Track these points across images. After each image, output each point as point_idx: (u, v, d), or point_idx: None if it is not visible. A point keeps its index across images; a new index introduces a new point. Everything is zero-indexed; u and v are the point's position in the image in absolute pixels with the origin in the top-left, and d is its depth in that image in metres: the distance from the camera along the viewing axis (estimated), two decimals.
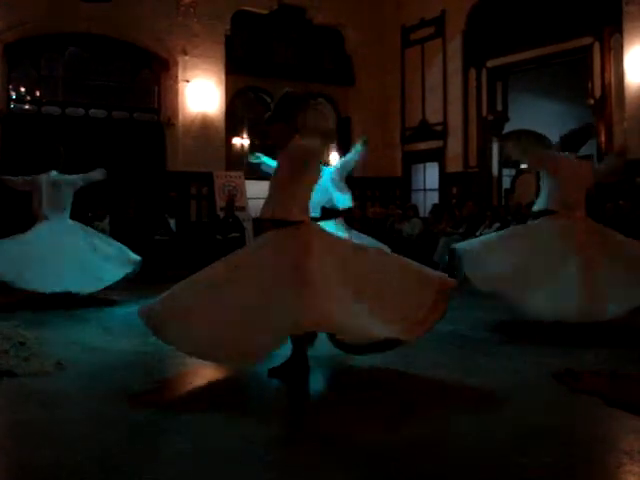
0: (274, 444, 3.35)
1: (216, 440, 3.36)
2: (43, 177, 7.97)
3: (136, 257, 8.09)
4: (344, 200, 7.41)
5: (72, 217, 8.13)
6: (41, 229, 7.84)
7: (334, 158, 12.63)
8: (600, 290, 5.71)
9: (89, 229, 8.34)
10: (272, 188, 4.62)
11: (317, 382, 4.49)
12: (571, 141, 6.37)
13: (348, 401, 4.09)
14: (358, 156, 7.48)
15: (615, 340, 5.77)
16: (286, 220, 4.47)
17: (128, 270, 7.93)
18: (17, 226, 8.12)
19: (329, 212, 7.16)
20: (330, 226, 7.15)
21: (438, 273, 4.81)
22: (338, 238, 4.99)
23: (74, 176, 8.15)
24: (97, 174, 8.23)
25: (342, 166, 7.49)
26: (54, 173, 8.03)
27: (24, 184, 8.06)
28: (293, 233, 4.44)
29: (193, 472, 2.96)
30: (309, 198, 4.62)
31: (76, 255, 7.74)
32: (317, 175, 4.74)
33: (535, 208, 6.52)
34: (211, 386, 4.56)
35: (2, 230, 8.22)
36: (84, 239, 7.99)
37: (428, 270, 4.75)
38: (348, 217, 8.12)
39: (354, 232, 7.91)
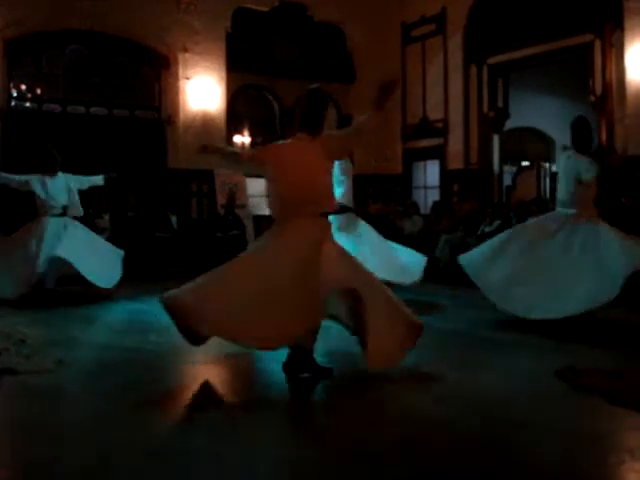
0: (275, 442, 3.35)
1: (217, 438, 3.36)
2: (46, 176, 8.02)
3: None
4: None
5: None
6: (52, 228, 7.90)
7: None
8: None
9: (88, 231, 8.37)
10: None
11: (317, 379, 4.48)
12: (578, 140, 6.41)
13: (349, 399, 4.09)
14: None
15: (616, 338, 5.77)
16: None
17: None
18: (17, 225, 8.16)
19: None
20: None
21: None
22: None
23: (80, 178, 8.25)
24: (98, 180, 8.37)
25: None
26: (60, 173, 8.10)
27: (25, 184, 8.06)
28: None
29: (193, 470, 2.96)
30: None
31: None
32: None
33: None
34: (212, 384, 4.56)
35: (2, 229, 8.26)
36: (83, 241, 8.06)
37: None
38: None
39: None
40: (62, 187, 8.07)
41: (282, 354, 4.48)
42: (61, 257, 7.49)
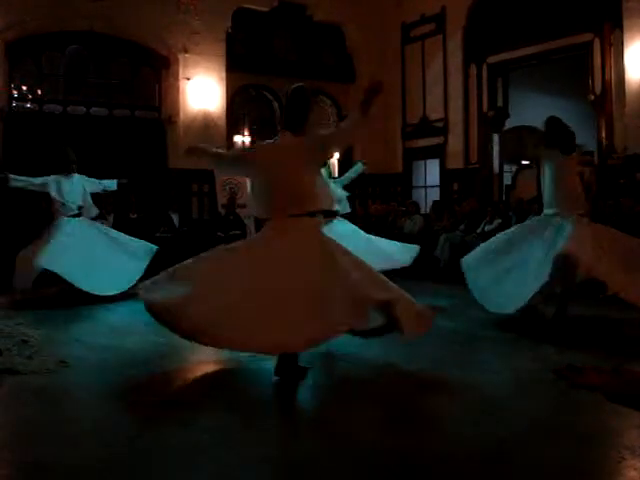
0: (275, 442, 3.36)
1: (217, 438, 3.37)
2: (63, 177, 8.06)
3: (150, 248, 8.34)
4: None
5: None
6: (67, 229, 7.94)
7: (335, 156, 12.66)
8: None
9: (106, 229, 8.43)
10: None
11: (318, 379, 4.49)
12: (563, 142, 6.40)
13: (349, 399, 4.10)
14: (356, 174, 8.60)
15: (615, 336, 5.78)
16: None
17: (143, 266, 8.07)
18: (21, 227, 8.19)
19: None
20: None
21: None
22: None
23: (94, 180, 8.33)
24: (112, 185, 8.50)
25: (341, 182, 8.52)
26: (76, 174, 8.14)
27: (42, 186, 8.11)
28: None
29: (194, 470, 2.98)
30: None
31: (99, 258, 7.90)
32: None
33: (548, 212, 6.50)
34: (212, 383, 4.57)
35: (6, 231, 8.29)
36: (103, 240, 8.09)
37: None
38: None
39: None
40: (77, 188, 8.14)
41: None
42: (48, 269, 7.53)
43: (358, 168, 8.74)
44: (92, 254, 7.80)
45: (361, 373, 4.66)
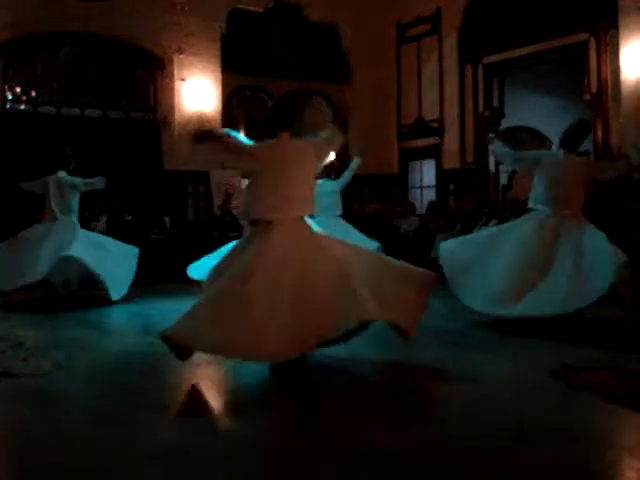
0: (274, 444, 3.35)
1: (215, 440, 3.36)
2: (50, 178, 8.05)
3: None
4: None
5: None
6: (40, 231, 7.87)
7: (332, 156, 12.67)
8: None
9: (91, 234, 8.36)
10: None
11: (317, 380, 4.48)
12: (570, 139, 6.36)
13: (348, 400, 4.09)
14: (354, 170, 9.08)
15: (613, 336, 5.78)
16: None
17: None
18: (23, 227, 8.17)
19: None
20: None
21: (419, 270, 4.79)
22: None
23: (77, 179, 8.19)
24: (98, 183, 8.28)
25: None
26: (61, 174, 8.07)
27: (39, 186, 8.13)
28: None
29: (192, 471, 2.96)
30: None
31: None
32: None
33: (529, 205, 6.59)
34: (210, 385, 4.56)
35: (8, 231, 8.28)
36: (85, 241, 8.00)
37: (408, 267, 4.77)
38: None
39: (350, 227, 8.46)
40: (68, 189, 8.06)
41: None
42: (74, 257, 7.46)
43: (355, 163, 9.06)
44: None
45: (360, 373, 4.64)
